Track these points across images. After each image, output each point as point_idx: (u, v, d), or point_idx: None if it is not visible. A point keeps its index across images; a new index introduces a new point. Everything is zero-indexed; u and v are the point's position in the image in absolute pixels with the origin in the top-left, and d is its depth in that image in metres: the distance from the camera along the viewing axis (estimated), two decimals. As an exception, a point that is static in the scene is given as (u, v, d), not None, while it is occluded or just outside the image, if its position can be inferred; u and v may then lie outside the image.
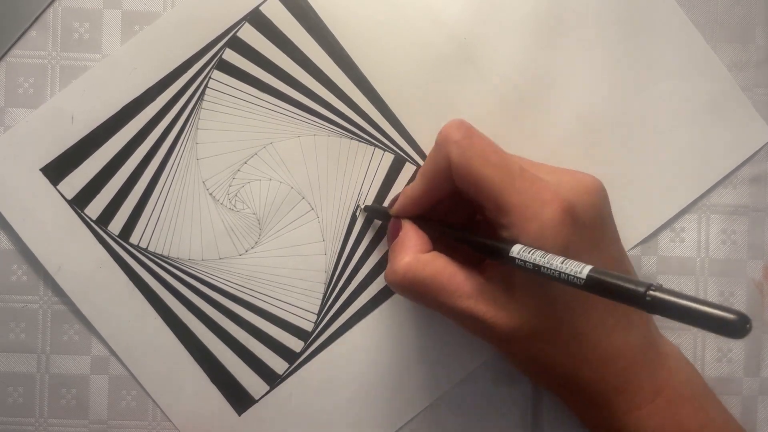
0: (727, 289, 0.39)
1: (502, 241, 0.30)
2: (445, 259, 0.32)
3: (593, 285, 0.25)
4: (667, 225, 0.39)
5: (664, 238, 0.39)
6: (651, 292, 0.23)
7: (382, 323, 0.38)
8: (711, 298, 0.39)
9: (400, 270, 0.32)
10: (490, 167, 0.30)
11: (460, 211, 0.35)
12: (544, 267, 0.27)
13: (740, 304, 0.38)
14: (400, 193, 0.35)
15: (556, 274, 0.27)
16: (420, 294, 0.32)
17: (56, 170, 0.37)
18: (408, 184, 0.37)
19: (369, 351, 0.38)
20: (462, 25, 0.38)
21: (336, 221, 0.38)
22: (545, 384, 0.33)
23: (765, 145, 0.38)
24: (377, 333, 0.38)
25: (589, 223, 0.30)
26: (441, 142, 0.32)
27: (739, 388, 0.38)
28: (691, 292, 0.38)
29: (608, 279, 0.25)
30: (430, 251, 0.33)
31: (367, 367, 0.38)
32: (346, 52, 0.37)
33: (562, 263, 0.27)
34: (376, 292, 0.38)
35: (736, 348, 0.38)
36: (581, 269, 0.26)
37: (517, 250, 0.29)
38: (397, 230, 0.34)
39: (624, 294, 0.24)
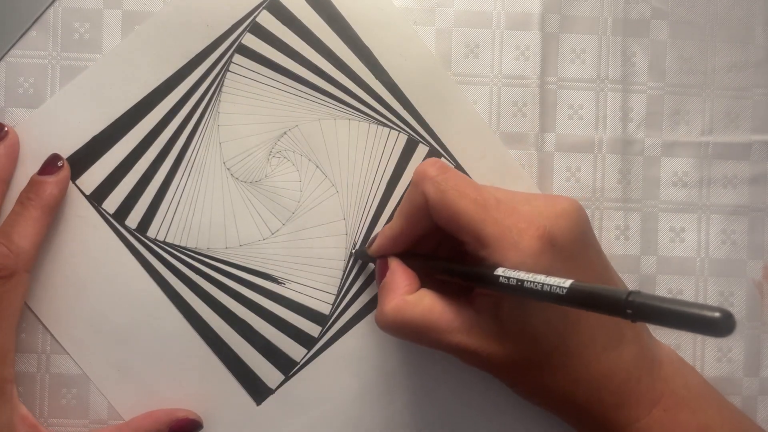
0: (727, 289, 0.39)
1: (486, 267, 0.30)
2: (433, 296, 0.32)
3: (575, 296, 0.25)
4: (667, 225, 0.39)
5: (664, 238, 0.39)
6: (630, 299, 0.23)
7: None
8: (711, 299, 0.39)
9: (389, 314, 0.32)
10: (466, 201, 0.31)
11: (448, 244, 0.35)
12: (528, 281, 0.27)
13: (740, 304, 0.38)
14: (378, 233, 0.36)
15: (539, 286, 0.27)
16: (411, 335, 0.33)
17: (74, 166, 0.37)
18: (386, 224, 0.37)
19: (383, 337, 0.38)
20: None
21: (357, 201, 0.38)
22: (545, 406, 0.34)
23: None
24: None
25: (567, 246, 0.31)
26: (417, 180, 0.33)
27: (739, 388, 0.38)
28: (691, 293, 0.39)
29: (588, 289, 0.25)
30: (417, 289, 0.33)
31: (384, 353, 0.38)
32: (361, 39, 0.38)
33: (545, 278, 0.27)
34: None
35: (736, 348, 0.38)
36: (564, 281, 0.26)
37: (501, 271, 0.29)
38: (385, 270, 0.34)
39: (604, 303, 0.24)
